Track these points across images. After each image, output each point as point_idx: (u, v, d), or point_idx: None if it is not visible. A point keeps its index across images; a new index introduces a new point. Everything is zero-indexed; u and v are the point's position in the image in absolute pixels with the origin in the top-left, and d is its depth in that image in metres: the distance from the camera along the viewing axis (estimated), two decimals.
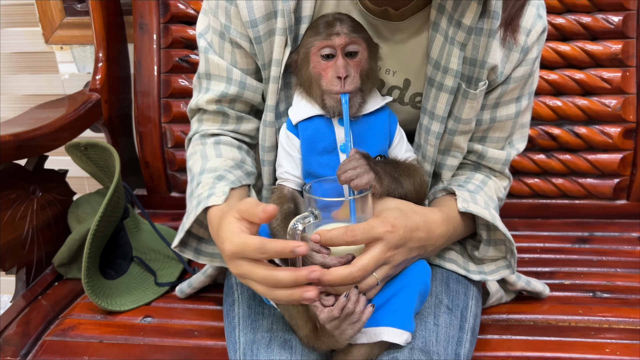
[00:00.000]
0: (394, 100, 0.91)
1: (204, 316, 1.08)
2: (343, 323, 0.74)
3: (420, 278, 0.82)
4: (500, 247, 0.91)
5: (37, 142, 1.18)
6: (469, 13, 0.79)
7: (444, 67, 0.83)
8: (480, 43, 0.83)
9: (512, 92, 0.90)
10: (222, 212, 0.76)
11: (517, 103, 0.92)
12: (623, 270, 1.17)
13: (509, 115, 0.92)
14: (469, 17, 0.79)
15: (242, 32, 0.86)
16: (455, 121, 0.88)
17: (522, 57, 0.85)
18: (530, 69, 0.88)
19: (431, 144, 0.89)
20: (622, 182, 1.31)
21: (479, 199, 0.90)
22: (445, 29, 0.82)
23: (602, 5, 1.26)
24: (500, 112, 0.91)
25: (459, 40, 0.81)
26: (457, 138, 0.89)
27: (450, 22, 0.81)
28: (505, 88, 0.88)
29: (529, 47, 0.85)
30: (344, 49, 0.79)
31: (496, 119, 0.92)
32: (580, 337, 0.98)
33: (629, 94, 1.28)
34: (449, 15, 0.81)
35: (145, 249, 1.29)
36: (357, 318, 0.73)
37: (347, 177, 0.74)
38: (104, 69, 1.39)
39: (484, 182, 0.95)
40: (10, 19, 1.58)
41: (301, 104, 0.85)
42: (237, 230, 0.70)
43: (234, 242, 0.69)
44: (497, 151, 0.95)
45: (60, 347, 1.02)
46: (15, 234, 1.16)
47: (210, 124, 0.94)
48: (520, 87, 0.90)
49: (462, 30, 0.80)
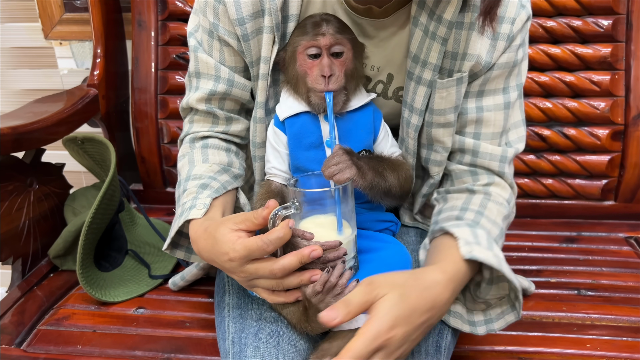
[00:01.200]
0: (379, 94, 0.94)
1: (196, 308, 1.10)
2: (327, 296, 0.76)
3: (400, 265, 0.84)
4: (503, 284, 0.82)
5: (35, 136, 1.20)
6: (449, 8, 0.81)
7: (423, 61, 0.85)
8: (462, 36, 0.84)
9: (497, 81, 0.89)
10: (204, 226, 0.81)
11: (504, 94, 0.90)
12: (608, 269, 1.19)
13: (497, 106, 0.90)
14: (450, 11, 0.81)
15: (230, 30, 0.88)
16: (429, 112, 0.89)
17: (507, 45, 0.86)
18: (514, 56, 0.87)
19: (411, 136, 0.91)
20: (610, 184, 1.33)
21: (481, 234, 0.81)
22: (426, 24, 0.84)
23: (592, 9, 1.28)
24: (487, 101, 0.90)
25: (440, 35, 0.82)
26: (435, 131, 0.89)
27: (432, 17, 0.83)
28: (488, 75, 0.88)
29: (514, 34, 0.86)
30: (329, 49, 0.82)
31: (483, 109, 0.90)
32: (563, 332, 1.00)
33: (618, 97, 1.30)
34: (430, 10, 0.83)
35: (140, 242, 1.31)
36: (339, 291, 0.76)
37: (330, 172, 0.77)
38: (102, 64, 1.41)
39: (483, 205, 0.87)
40: (11, 14, 1.60)
41: (288, 100, 0.88)
42: (234, 238, 0.75)
43: (236, 249, 0.74)
44: (491, 146, 0.91)
45: (55, 336, 1.04)
46: (11, 225, 1.18)
47: (200, 125, 0.97)
48: (504, 76, 0.89)
49: (442, 25, 0.81)
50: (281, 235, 0.73)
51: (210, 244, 0.78)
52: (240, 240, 0.74)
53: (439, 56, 0.84)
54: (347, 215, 0.79)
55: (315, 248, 0.74)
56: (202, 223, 0.82)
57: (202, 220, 0.82)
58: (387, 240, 0.91)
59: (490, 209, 0.87)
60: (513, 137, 0.94)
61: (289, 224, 0.73)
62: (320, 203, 0.78)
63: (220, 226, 0.77)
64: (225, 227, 0.76)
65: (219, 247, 0.76)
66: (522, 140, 0.94)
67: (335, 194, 0.77)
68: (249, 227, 0.76)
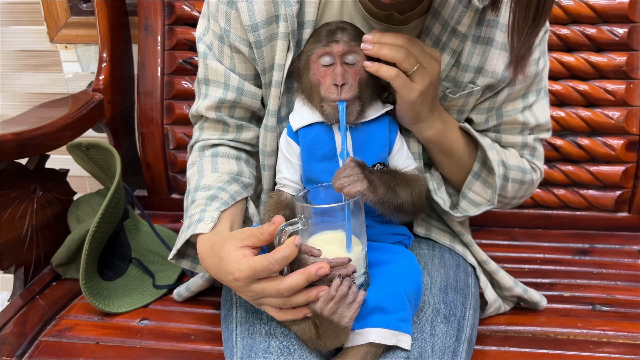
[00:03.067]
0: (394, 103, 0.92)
1: (201, 320, 1.07)
2: (340, 306, 0.74)
3: (411, 278, 0.82)
4: (487, 191, 0.92)
5: (39, 142, 1.18)
6: (464, 21, 0.80)
7: None
8: (476, 50, 0.84)
9: (519, 91, 0.92)
10: (210, 242, 0.80)
11: (523, 99, 0.93)
12: (623, 283, 1.17)
13: (515, 110, 0.93)
14: (465, 24, 0.80)
15: (242, 37, 0.86)
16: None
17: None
18: (535, 68, 0.89)
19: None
20: (624, 195, 1.31)
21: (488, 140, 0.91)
22: (438, 35, 0.83)
23: (607, 17, 1.26)
24: (506, 107, 0.93)
25: (451, 47, 0.82)
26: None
27: (446, 29, 0.82)
28: (511, 90, 0.90)
29: (534, 47, 0.86)
30: (342, 56, 0.80)
31: (503, 115, 0.93)
32: (579, 350, 0.98)
33: (633, 107, 1.28)
34: (445, 21, 0.82)
35: (144, 250, 1.29)
36: (352, 298, 0.74)
37: (340, 184, 0.75)
38: (107, 69, 1.39)
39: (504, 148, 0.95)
40: (16, 17, 1.59)
41: (302, 110, 0.85)
42: (239, 257, 0.74)
43: (241, 269, 0.73)
44: (512, 136, 0.95)
45: (57, 347, 1.02)
46: (14, 232, 1.16)
47: (211, 132, 0.95)
48: (527, 87, 0.92)
49: (456, 37, 0.82)
50: (287, 254, 0.71)
51: (216, 263, 0.77)
52: (245, 259, 0.73)
53: (445, 68, 0.84)
54: (356, 230, 0.77)
55: (322, 266, 0.72)
56: (209, 239, 0.80)
57: (209, 235, 0.81)
58: (398, 251, 0.89)
59: (509, 150, 0.94)
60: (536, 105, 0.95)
61: (295, 241, 0.71)
62: (329, 215, 0.76)
63: (226, 244, 0.76)
64: (231, 245, 0.75)
65: (224, 267, 0.75)
66: (545, 131, 0.97)
67: (345, 209, 0.74)
68: (255, 244, 0.75)
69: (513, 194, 0.97)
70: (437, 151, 0.92)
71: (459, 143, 0.91)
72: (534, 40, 0.70)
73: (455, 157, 0.93)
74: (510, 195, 0.97)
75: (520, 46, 0.71)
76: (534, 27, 0.68)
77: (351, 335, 0.78)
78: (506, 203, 1.00)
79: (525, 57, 0.74)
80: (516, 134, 0.95)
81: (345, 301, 0.74)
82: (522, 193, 0.99)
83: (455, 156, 0.92)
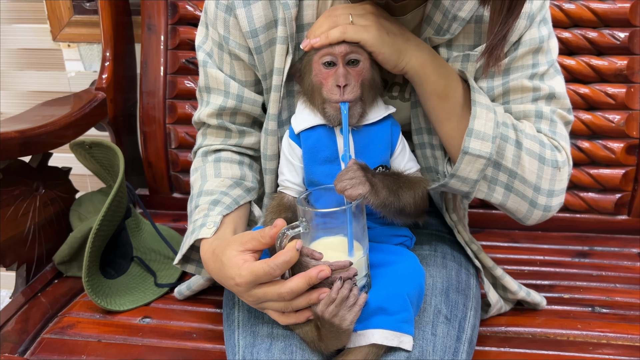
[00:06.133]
0: (395, 97, 0.92)
1: (203, 319, 1.08)
2: (341, 309, 0.74)
3: (413, 279, 0.82)
4: (477, 166, 0.82)
5: (42, 140, 1.18)
6: (465, 7, 0.80)
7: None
8: (482, 29, 0.84)
9: (525, 58, 0.87)
10: (212, 247, 0.80)
11: (533, 69, 0.87)
12: (622, 285, 1.17)
13: (523, 74, 0.87)
14: (466, 10, 0.80)
15: (241, 44, 0.87)
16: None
17: (529, 24, 0.85)
18: (538, 32, 0.86)
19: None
20: (624, 198, 1.32)
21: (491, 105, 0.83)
22: (439, 23, 0.83)
23: (608, 21, 1.26)
24: (514, 74, 0.87)
25: (451, 32, 0.82)
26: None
27: (447, 16, 0.82)
28: (515, 54, 0.86)
29: (534, 13, 0.85)
30: (344, 57, 0.79)
31: (509, 81, 0.87)
32: (578, 351, 0.98)
33: (633, 110, 1.28)
34: (445, 9, 0.82)
35: (146, 249, 1.29)
36: (353, 301, 0.74)
37: (342, 186, 0.75)
38: (110, 68, 1.40)
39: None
40: (19, 15, 1.59)
41: (304, 112, 0.85)
42: (240, 262, 0.74)
43: (242, 274, 0.73)
44: (523, 105, 0.87)
45: (59, 345, 1.02)
46: (17, 230, 1.16)
47: (213, 138, 0.96)
48: (532, 53, 0.87)
49: (456, 22, 0.82)
50: (288, 259, 0.71)
51: (218, 267, 0.78)
52: (246, 264, 0.73)
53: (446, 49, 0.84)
54: (358, 234, 0.77)
55: (323, 269, 0.72)
56: (212, 243, 0.81)
57: (211, 240, 0.82)
58: (400, 253, 0.89)
59: (521, 121, 0.86)
60: (554, 102, 0.89)
61: (297, 245, 0.72)
62: (331, 217, 0.76)
63: (227, 248, 0.76)
64: (232, 250, 0.75)
65: (225, 272, 0.75)
66: (566, 110, 0.90)
67: (347, 212, 0.75)
68: (256, 247, 0.75)
69: (535, 173, 0.84)
70: (432, 93, 0.83)
71: (455, 83, 0.84)
72: (507, 31, 0.71)
73: (452, 102, 0.84)
74: (532, 177, 0.84)
75: (494, 36, 0.71)
76: (507, 18, 0.69)
77: (353, 336, 0.79)
78: (536, 190, 0.85)
79: (498, 47, 0.74)
80: (528, 102, 0.87)
81: (347, 304, 0.74)
82: (548, 176, 0.84)
83: (452, 100, 0.83)
